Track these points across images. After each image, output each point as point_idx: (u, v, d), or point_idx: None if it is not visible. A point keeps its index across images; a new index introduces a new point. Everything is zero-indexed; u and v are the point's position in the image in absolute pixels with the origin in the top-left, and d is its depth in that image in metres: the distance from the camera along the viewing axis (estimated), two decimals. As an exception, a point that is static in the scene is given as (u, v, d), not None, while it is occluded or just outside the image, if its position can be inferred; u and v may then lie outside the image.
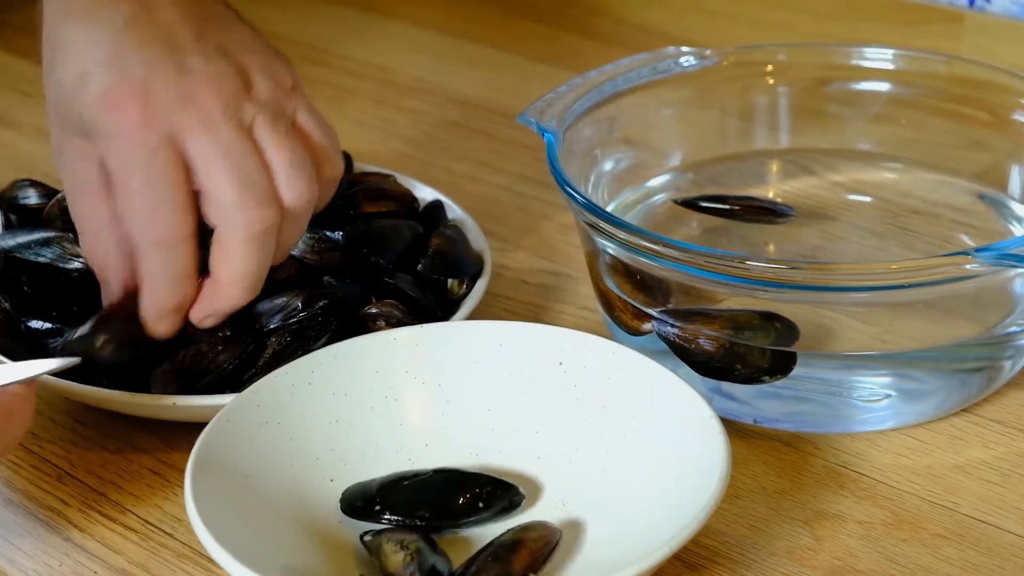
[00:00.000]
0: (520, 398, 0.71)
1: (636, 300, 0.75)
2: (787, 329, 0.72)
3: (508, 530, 0.65)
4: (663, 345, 0.74)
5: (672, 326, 0.73)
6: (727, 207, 0.86)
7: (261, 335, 0.74)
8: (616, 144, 0.86)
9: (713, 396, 0.74)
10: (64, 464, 0.74)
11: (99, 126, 0.70)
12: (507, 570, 0.62)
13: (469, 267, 0.81)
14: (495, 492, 0.67)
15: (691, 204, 0.86)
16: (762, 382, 0.72)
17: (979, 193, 0.86)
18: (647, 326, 0.75)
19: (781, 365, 0.72)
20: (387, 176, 0.87)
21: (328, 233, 0.79)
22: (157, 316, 0.72)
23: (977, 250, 0.68)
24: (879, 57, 0.88)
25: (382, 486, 0.67)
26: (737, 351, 0.72)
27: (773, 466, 0.72)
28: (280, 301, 0.74)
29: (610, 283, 0.77)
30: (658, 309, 0.74)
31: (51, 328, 0.77)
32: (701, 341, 0.72)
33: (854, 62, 0.88)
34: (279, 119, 0.73)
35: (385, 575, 0.63)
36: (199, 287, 0.72)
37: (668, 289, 0.74)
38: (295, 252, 0.78)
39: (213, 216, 0.71)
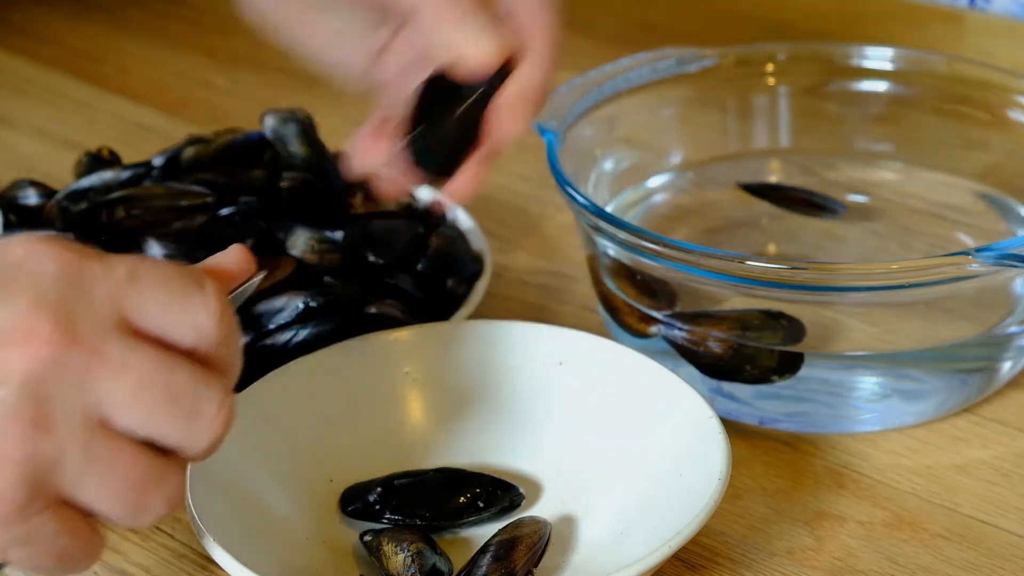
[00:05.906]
0: (520, 398, 0.71)
1: (639, 303, 0.75)
2: (794, 327, 0.72)
3: (500, 529, 0.65)
4: (664, 345, 0.74)
5: (680, 329, 0.73)
6: (786, 197, 0.87)
7: (261, 335, 0.74)
8: (616, 144, 0.86)
9: (714, 397, 0.74)
10: (64, 464, 0.74)
11: None
12: (510, 569, 0.62)
13: (469, 267, 0.81)
14: (495, 492, 0.67)
15: (754, 189, 0.87)
16: (771, 382, 0.72)
17: (979, 193, 0.86)
18: (652, 329, 0.75)
19: (789, 364, 0.72)
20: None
21: (328, 233, 0.79)
22: None
23: (977, 250, 0.68)
24: (879, 57, 0.88)
25: (382, 486, 0.67)
26: (746, 352, 0.72)
27: (773, 466, 0.72)
28: (280, 301, 0.74)
29: (612, 285, 0.76)
30: (664, 313, 0.74)
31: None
32: (710, 343, 0.72)
33: (854, 62, 0.88)
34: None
35: (386, 575, 0.63)
36: None
37: (670, 290, 0.74)
38: (295, 252, 0.78)
39: None
